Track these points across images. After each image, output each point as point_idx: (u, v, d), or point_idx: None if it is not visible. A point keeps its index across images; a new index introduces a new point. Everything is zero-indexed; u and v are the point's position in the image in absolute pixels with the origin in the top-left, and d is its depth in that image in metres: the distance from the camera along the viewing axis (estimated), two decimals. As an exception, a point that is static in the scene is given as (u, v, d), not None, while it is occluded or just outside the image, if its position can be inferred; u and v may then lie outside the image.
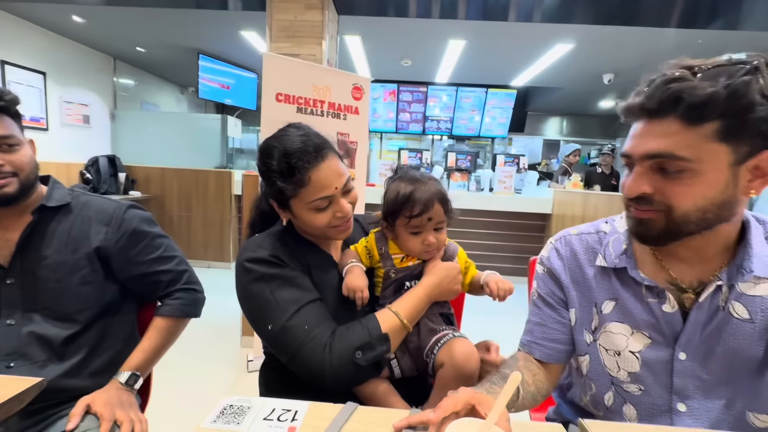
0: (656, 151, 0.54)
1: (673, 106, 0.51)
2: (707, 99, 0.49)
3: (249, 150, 5.95)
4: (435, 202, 0.77)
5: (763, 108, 0.48)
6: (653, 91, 0.53)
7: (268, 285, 0.73)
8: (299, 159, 0.72)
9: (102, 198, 0.98)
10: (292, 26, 2.63)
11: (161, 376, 1.18)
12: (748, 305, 0.59)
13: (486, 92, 5.81)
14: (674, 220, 0.55)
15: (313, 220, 0.76)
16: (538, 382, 0.71)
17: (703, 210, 0.54)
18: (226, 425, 0.55)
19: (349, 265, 0.80)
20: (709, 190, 0.53)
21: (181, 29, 4.17)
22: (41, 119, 4.07)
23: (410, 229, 0.78)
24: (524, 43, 4.10)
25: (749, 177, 0.53)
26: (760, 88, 0.48)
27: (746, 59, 0.50)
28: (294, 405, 0.60)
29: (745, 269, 0.58)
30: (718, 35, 3.50)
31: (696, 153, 0.51)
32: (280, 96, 2.08)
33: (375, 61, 4.96)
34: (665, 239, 0.58)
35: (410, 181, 0.79)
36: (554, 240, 0.79)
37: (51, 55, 4.17)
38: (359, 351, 0.68)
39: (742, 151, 0.51)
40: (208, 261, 4.13)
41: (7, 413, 0.58)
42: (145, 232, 0.98)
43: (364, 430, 0.56)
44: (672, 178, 0.54)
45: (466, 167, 4.72)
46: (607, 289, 0.69)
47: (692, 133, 0.51)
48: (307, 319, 0.71)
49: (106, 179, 3.99)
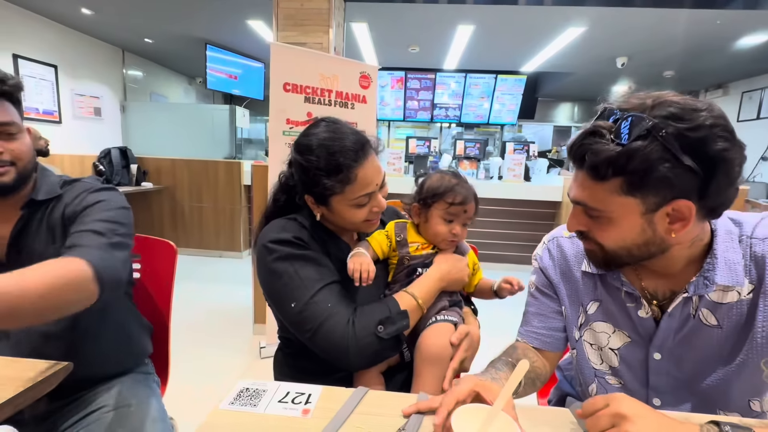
0: (577, 200, 0.60)
1: (582, 162, 0.56)
2: (605, 160, 0.52)
3: (257, 140, 5.97)
4: (472, 199, 0.85)
5: (663, 163, 0.50)
6: (570, 145, 0.58)
7: (292, 264, 0.74)
8: (346, 157, 0.74)
9: (86, 182, 0.89)
10: (299, 14, 2.61)
11: (178, 361, 1.22)
12: (717, 312, 0.62)
13: (495, 78, 5.71)
14: (608, 254, 0.62)
15: (353, 216, 0.79)
16: (536, 369, 0.75)
17: (627, 249, 0.59)
18: (243, 407, 0.57)
19: (354, 251, 0.82)
20: (627, 234, 0.58)
21: (188, 19, 4.16)
22: (54, 112, 4.13)
23: (446, 216, 0.84)
24: (534, 28, 4.00)
25: (668, 220, 0.55)
26: (657, 147, 0.49)
27: (647, 118, 0.50)
28: (307, 389, 0.62)
29: (708, 281, 0.60)
30: (737, 15, 3.37)
31: (606, 205, 0.56)
32: (288, 86, 2.08)
33: (382, 48, 4.90)
34: (609, 265, 0.65)
35: (454, 176, 0.87)
36: (548, 240, 0.83)
37: (61, 48, 4.21)
38: (381, 325, 0.71)
39: (650, 201, 0.54)
40: (220, 251, 4.19)
41: (37, 395, 0.61)
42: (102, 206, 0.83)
43: (375, 413, 0.58)
44: (595, 221, 0.60)
45: (474, 155, 4.69)
46: (592, 291, 0.74)
47: (599, 187, 0.56)
48: (330, 297, 0.73)
49: (118, 171, 4.05)
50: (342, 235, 0.88)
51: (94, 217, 0.79)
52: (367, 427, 0.54)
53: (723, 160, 0.49)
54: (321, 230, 0.85)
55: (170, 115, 4.81)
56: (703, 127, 0.48)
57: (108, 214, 0.81)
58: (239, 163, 4.08)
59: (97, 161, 4.10)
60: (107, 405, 0.85)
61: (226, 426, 0.54)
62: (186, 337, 2.32)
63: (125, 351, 0.95)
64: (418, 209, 0.87)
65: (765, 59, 4.53)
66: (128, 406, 0.86)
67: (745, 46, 4.19)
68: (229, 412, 0.56)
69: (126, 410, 0.85)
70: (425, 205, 0.86)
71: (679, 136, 0.49)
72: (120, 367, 0.93)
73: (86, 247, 0.72)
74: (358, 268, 0.76)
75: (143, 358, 1.01)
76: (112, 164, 4.05)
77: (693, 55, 4.55)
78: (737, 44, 4.17)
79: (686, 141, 0.49)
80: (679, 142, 0.49)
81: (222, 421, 0.55)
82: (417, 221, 0.89)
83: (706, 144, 0.49)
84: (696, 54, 4.52)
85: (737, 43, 4.15)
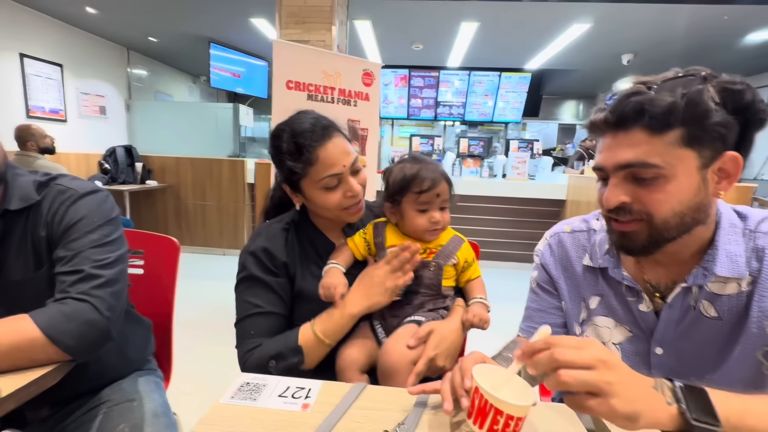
0: (628, 161, 0.56)
1: (637, 117, 0.54)
2: (668, 108, 0.53)
3: (261, 138, 5.99)
4: (441, 179, 0.79)
5: (717, 113, 0.52)
6: (616, 106, 0.56)
7: (246, 284, 0.80)
8: (306, 138, 0.76)
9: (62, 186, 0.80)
10: (302, 12, 2.61)
11: (182, 358, 1.23)
12: (716, 304, 0.62)
13: (499, 76, 5.68)
14: (656, 228, 0.57)
15: (324, 201, 0.79)
16: None
17: (681, 215, 0.56)
18: (243, 401, 0.57)
19: (327, 267, 0.80)
20: (684, 194, 0.56)
21: (192, 17, 4.18)
22: (60, 111, 4.17)
23: (418, 206, 0.79)
24: (539, 24, 3.98)
25: (716, 179, 0.57)
26: (711, 96, 0.53)
27: (694, 71, 0.55)
28: (307, 383, 0.62)
29: (708, 271, 0.60)
30: (744, 10, 3.33)
31: (665, 160, 0.54)
32: (291, 83, 2.08)
33: (386, 46, 4.90)
34: (649, 249, 0.60)
35: (414, 161, 0.80)
36: (549, 236, 0.82)
37: (67, 47, 4.25)
38: (273, 360, 0.72)
39: (706, 155, 0.55)
40: (223, 249, 4.21)
41: (39, 389, 0.62)
42: (84, 224, 0.76)
43: (373, 407, 0.58)
44: (647, 186, 0.56)
45: (478, 153, 4.67)
46: (594, 285, 0.73)
47: (658, 141, 0.54)
48: (257, 325, 0.77)
49: (123, 169, 4.08)
50: (328, 232, 0.88)
51: (77, 247, 0.73)
52: (366, 421, 0.54)
53: (758, 112, 0.53)
54: (308, 227, 0.87)
55: (174, 113, 4.84)
56: (743, 83, 0.54)
57: (92, 238, 0.75)
58: (243, 162, 4.10)
59: (102, 159, 4.13)
60: (110, 400, 0.85)
61: (226, 419, 0.54)
62: (190, 334, 2.34)
63: (125, 358, 0.93)
64: (391, 208, 0.82)
65: (773, 55, 4.47)
66: (131, 400, 0.86)
67: (753, 42, 4.14)
68: (230, 406, 0.56)
69: (129, 405, 0.85)
70: (395, 202, 0.80)
71: (725, 87, 0.53)
72: (121, 373, 0.92)
73: (51, 306, 0.68)
74: (323, 292, 0.76)
75: (145, 358, 1.01)
76: (117, 162, 4.08)
77: (700, 51, 4.50)
78: (745, 40, 4.12)
79: (731, 92, 0.53)
80: (725, 93, 0.53)
81: (222, 414, 0.55)
82: (394, 220, 0.83)
83: (745, 96, 0.53)
84: (703, 50, 4.47)
85: (745, 39, 4.10)
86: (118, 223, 0.83)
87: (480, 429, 0.48)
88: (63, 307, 0.68)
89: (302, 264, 0.83)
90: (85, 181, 0.83)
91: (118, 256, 0.78)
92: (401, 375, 0.70)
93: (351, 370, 0.75)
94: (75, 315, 0.68)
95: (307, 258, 0.84)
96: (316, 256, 0.85)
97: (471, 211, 3.90)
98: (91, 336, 0.69)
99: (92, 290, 0.71)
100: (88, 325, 0.68)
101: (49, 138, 2.96)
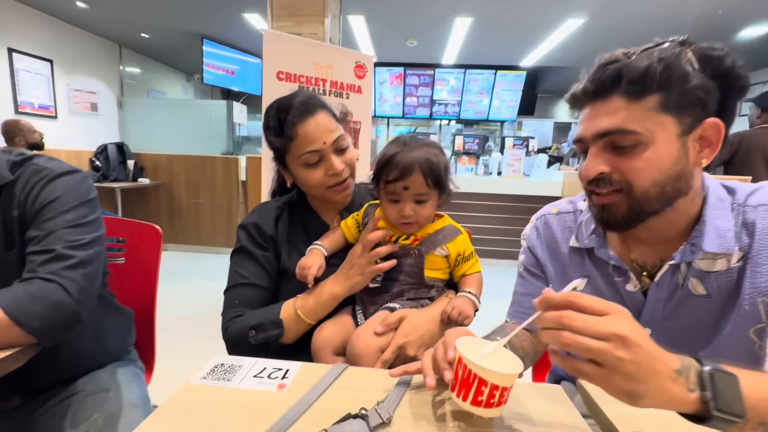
0: (606, 129, 0.55)
1: (615, 84, 0.54)
2: (644, 72, 0.52)
3: (255, 137, 5.93)
4: (415, 170, 0.69)
5: (696, 77, 0.52)
6: (594, 75, 0.56)
7: (237, 255, 0.83)
8: (288, 114, 0.76)
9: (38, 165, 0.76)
10: (294, 4, 2.58)
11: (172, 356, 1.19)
12: (705, 281, 0.60)
13: (494, 74, 5.68)
14: (636, 199, 0.56)
15: (306, 178, 0.79)
16: (526, 347, 0.73)
17: (661, 184, 0.55)
18: (216, 381, 0.54)
19: (311, 247, 0.79)
20: (663, 162, 0.54)
21: (184, 13, 4.14)
22: (50, 107, 4.11)
23: (388, 196, 0.74)
24: (533, 19, 3.97)
25: (698, 147, 0.55)
26: (689, 60, 0.52)
27: (673, 38, 0.55)
28: (285, 365, 0.59)
29: (696, 247, 0.58)
30: (738, 5, 3.34)
31: (644, 126, 0.53)
32: (281, 74, 2.05)
33: (380, 42, 4.88)
34: (630, 222, 0.58)
35: (400, 143, 0.73)
36: (536, 218, 0.81)
37: (57, 42, 4.20)
38: (253, 330, 0.73)
39: (685, 121, 0.53)
40: (217, 247, 4.17)
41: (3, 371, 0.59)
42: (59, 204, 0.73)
43: (353, 387, 0.55)
44: (626, 154, 0.55)
45: (474, 151, 4.65)
46: (581, 267, 0.72)
47: (637, 107, 0.53)
48: (242, 295, 0.79)
49: (115, 166, 4.03)
50: (323, 214, 0.88)
51: (51, 227, 0.70)
52: (345, 401, 0.50)
53: (739, 78, 0.53)
54: (303, 208, 0.88)
55: (167, 110, 4.79)
56: (723, 50, 0.53)
57: (67, 218, 0.71)
58: (236, 159, 4.05)
59: (93, 157, 4.07)
60: (84, 390, 0.81)
61: (197, 399, 0.51)
62: (182, 332, 2.30)
63: (103, 348, 0.89)
64: (375, 189, 0.78)
65: (766, 52, 4.49)
66: (107, 390, 0.82)
67: (746, 38, 4.15)
68: (201, 386, 0.53)
69: (104, 395, 0.81)
70: (377, 185, 0.75)
71: (705, 53, 0.52)
72: (98, 363, 0.88)
73: (16, 286, 0.65)
74: (298, 272, 0.74)
75: (125, 348, 0.97)
76: (109, 160, 4.02)
77: (694, 48, 4.51)
78: (738, 36, 4.13)
79: (710, 58, 0.52)
80: (705, 58, 0.52)
81: (192, 395, 0.52)
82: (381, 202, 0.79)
83: (725, 61, 0.52)
84: (697, 47, 4.48)
85: (738, 35, 4.11)
86: (95, 205, 0.79)
87: (464, 401, 0.45)
88: (29, 287, 0.64)
89: (289, 242, 0.84)
90: (62, 162, 0.79)
91: (93, 237, 0.74)
92: (367, 361, 0.67)
93: (325, 350, 0.73)
94: (41, 295, 0.64)
95: (296, 236, 0.85)
96: (305, 236, 0.84)
97: (466, 209, 3.88)
98: (59, 318, 0.65)
99: (62, 271, 0.67)
100: (56, 307, 0.65)
101: (37, 133, 2.91)
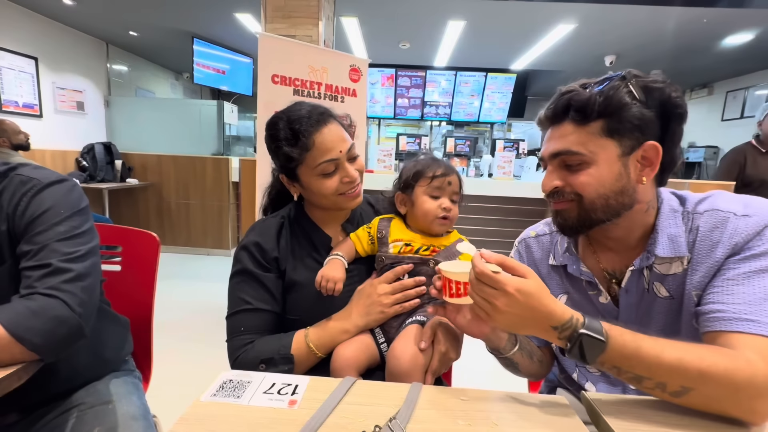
0: (558, 150, 0.64)
1: (566, 111, 0.63)
2: (587, 102, 0.61)
3: (246, 137, 5.88)
4: (454, 171, 0.84)
5: (634, 107, 0.59)
6: (552, 103, 0.66)
7: (238, 278, 0.80)
8: (303, 124, 0.76)
9: (23, 176, 0.74)
10: (288, 6, 2.56)
11: (164, 360, 1.18)
12: (666, 284, 0.66)
13: (485, 77, 5.72)
14: (584, 208, 0.64)
15: (321, 187, 0.78)
16: (532, 349, 0.77)
17: (605, 197, 0.63)
18: (226, 398, 0.54)
19: (330, 257, 0.79)
20: (605, 178, 0.62)
21: (174, 11, 4.07)
22: (35, 106, 4.00)
23: (431, 191, 0.81)
24: (525, 24, 4.02)
25: (639, 167, 0.63)
26: (629, 92, 0.60)
27: (622, 73, 0.63)
28: (294, 380, 0.60)
29: (650, 253, 0.66)
30: (723, 14, 3.43)
31: (587, 148, 0.62)
32: (276, 78, 2.04)
33: (373, 44, 4.87)
34: (580, 228, 0.67)
35: (428, 157, 0.86)
36: (518, 242, 0.89)
37: (42, 39, 4.08)
38: (263, 364, 0.72)
39: (626, 144, 0.61)
40: (207, 248, 4.12)
41: (5, 389, 0.58)
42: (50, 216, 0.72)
43: (364, 402, 0.55)
44: (575, 171, 0.64)
45: (465, 153, 4.68)
46: (560, 284, 0.78)
47: (582, 131, 0.62)
48: (246, 321, 0.77)
49: (102, 167, 3.95)
50: (324, 226, 0.86)
51: (44, 240, 0.68)
52: (357, 416, 0.51)
53: (677, 107, 0.60)
54: (303, 221, 0.86)
55: (156, 110, 4.71)
56: (663, 82, 0.61)
57: (59, 230, 0.70)
58: (227, 160, 4.01)
59: (80, 157, 3.99)
60: (84, 403, 0.80)
61: (208, 418, 0.51)
62: (173, 335, 2.27)
63: (100, 359, 0.88)
64: (402, 197, 0.85)
65: (749, 59, 4.62)
66: (106, 403, 0.82)
67: (730, 45, 4.27)
68: (211, 404, 0.53)
69: (104, 408, 0.80)
70: (408, 187, 0.83)
71: (644, 85, 0.60)
72: (95, 375, 0.87)
73: (16, 302, 0.63)
74: (319, 280, 0.76)
75: (122, 358, 0.96)
76: (96, 160, 3.95)
77: (680, 54, 4.62)
78: (722, 43, 4.24)
79: (649, 89, 0.60)
80: (644, 89, 0.60)
81: (203, 413, 0.52)
82: (404, 211, 0.85)
83: (664, 92, 0.60)
84: (683, 53, 4.59)
85: (722, 43, 4.22)
86: (87, 214, 0.78)
87: (444, 296, 0.65)
88: (29, 302, 0.63)
89: (294, 256, 0.82)
90: (49, 171, 0.77)
91: (89, 248, 0.73)
92: (414, 377, 0.69)
93: (349, 369, 0.73)
94: (43, 311, 0.63)
95: (301, 250, 0.83)
96: (311, 248, 0.84)
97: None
98: (61, 333, 0.64)
99: (62, 285, 0.66)
100: (58, 322, 0.64)
101: (23, 134, 2.83)
